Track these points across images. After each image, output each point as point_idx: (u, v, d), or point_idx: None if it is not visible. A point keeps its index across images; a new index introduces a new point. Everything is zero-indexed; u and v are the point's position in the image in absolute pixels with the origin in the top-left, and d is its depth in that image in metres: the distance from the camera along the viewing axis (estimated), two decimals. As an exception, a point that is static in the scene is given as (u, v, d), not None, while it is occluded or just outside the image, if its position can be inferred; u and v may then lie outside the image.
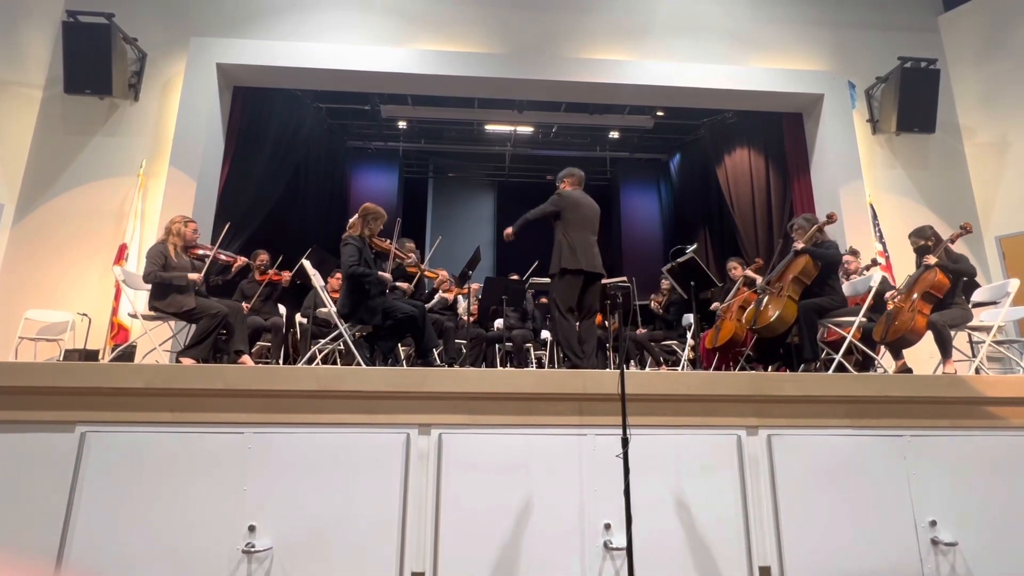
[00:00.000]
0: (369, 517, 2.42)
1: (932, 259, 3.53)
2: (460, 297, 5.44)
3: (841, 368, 3.55)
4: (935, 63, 6.00)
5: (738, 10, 6.43)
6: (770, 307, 3.77)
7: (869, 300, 3.64)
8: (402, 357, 4.72)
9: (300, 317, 4.88)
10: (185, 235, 3.84)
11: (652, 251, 9.41)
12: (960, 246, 3.91)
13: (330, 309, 3.76)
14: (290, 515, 2.41)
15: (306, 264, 4.11)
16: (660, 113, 7.96)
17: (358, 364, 3.53)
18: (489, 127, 8.58)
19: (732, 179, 7.45)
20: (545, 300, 4.71)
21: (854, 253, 4.76)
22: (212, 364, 3.51)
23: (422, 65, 5.92)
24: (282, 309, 5.01)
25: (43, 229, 5.22)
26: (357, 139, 9.16)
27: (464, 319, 5.04)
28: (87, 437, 2.43)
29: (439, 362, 4.23)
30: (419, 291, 5.17)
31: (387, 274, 3.78)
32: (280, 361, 4.55)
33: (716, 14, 6.40)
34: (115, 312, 4.95)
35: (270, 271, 4.86)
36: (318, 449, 2.49)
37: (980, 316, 3.99)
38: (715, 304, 4.77)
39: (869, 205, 5.87)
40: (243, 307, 3.99)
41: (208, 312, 3.58)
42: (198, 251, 3.93)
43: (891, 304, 3.69)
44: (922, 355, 4.02)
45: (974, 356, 4.14)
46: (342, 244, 3.65)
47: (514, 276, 5.56)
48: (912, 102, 5.91)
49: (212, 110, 5.72)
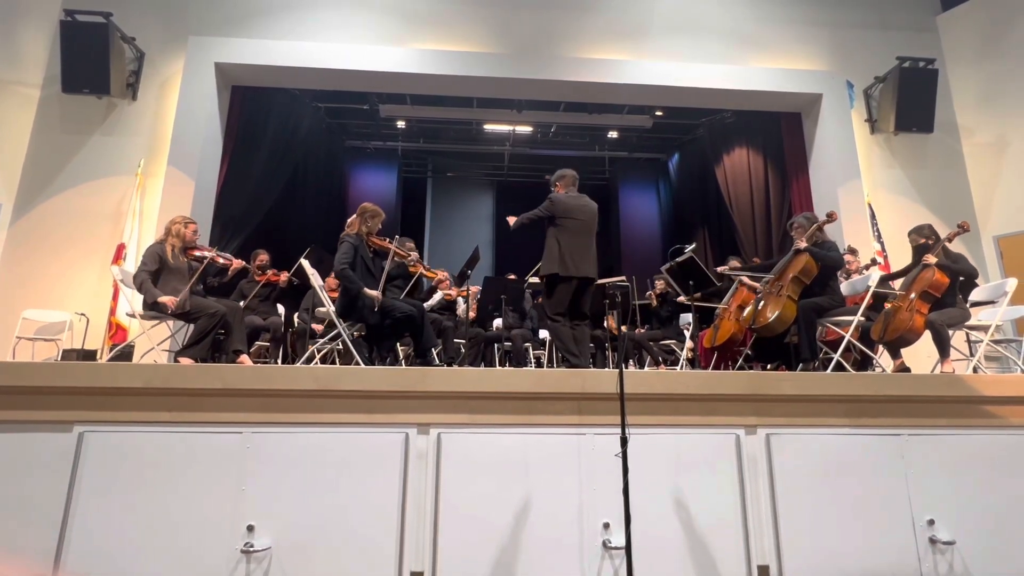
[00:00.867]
0: (368, 517, 2.42)
1: (931, 258, 3.53)
2: (460, 300, 5.44)
3: (840, 367, 3.55)
4: (933, 63, 6.01)
5: (737, 10, 6.44)
6: (769, 307, 3.78)
7: (868, 299, 3.64)
8: (401, 357, 4.72)
9: (298, 317, 4.87)
10: (185, 236, 3.83)
11: (651, 251, 9.41)
12: (958, 245, 3.93)
13: (329, 308, 3.76)
14: (289, 515, 2.40)
15: (305, 264, 4.11)
16: (659, 113, 7.96)
17: (357, 364, 3.52)
18: (488, 127, 8.57)
19: (731, 179, 7.45)
20: (541, 302, 4.70)
21: (853, 252, 4.77)
22: (210, 364, 3.50)
23: (421, 64, 5.92)
24: (281, 309, 5.00)
25: (41, 229, 5.20)
26: (356, 138, 9.15)
27: (462, 319, 5.03)
28: (85, 437, 2.43)
29: (438, 362, 4.23)
30: (418, 290, 5.17)
31: (377, 293, 3.62)
32: (279, 361, 4.54)
33: (715, 14, 6.40)
34: (113, 312, 4.95)
35: (269, 271, 4.86)
36: (317, 449, 2.49)
37: (978, 315, 4.00)
38: (695, 295, 4.49)
39: (867, 205, 5.87)
40: (241, 306, 3.98)
41: (206, 312, 3.57)
42: (196, 252, 3.92)
43: (888, 304, 3.70)
44: (920, 354, 4.02)
45: (972, 355, 4.15)
46: (340, 241, 3.67)
47: (512, 276, 5.55)
48: (910, 102, 5.92)
49: (210, 109, 5.71)
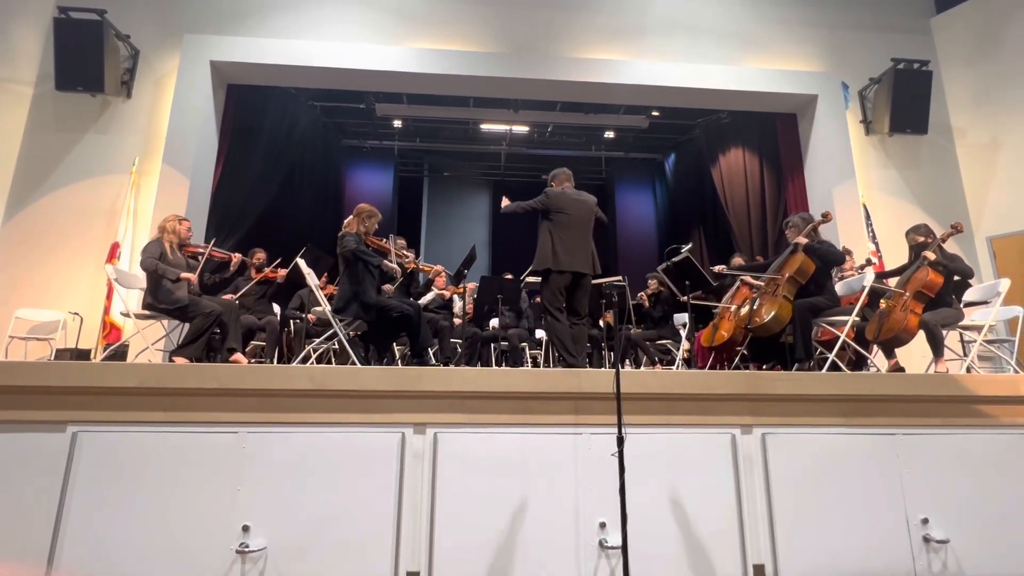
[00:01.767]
0: (364, 517, 2.41)
1: (930, 255, 3.56)
2: (456, 296, 5.43)
3: (835, 367, 3.57)
4: (927, 64, 6.05)
5: (733, 11, 6.45)
6: (765, 307, 3.79)
7: (863, 299, 3.66)
8: (397, 356, 4.71)
9: (286, 315, 4.86)
10: (180, 233, 3.82)
11: (647, 251, 9.43)
12: (951, 246, 3.95)
13: (324, 307, 3.75)
14: (284, 515, 2.39)
15: (300, 263, 4.09)
16: (655, 113, 7.98)
17: (353, 363, 3.51)
18: (485, 126, 8.56)
19: (727, 179, 7.48)
20: (540, 299, 4.71)
21: (848, 253, 4.79)
22: (206, 363, 3.48)
23: (417, 63, 5.91)
24: (276, 308, 4.99)
25: (34, 227, 5.16)
26: (352, 137, 9.12)
27: (458, 319, 5.03)
28: (79, 437, 2.41)
29: (434, 361, 4.22)
30: (414, 284, 5.16)
31: (394, 264, 3.79)
32: (274, 360, 4.52)
33: (711, 14, 6.42)
34: (107, 311, 4.91)
35: (267, 269, 4.84)
36: (313, 449, 2.48)
37: (971, 315, 4.02)
38: (695, 293, 4.52)
39: (862, 205, 5.90)
40: (237, 305, 3.97)
41: (202, 311, 3.56)
42: (191, 250, 3.92)
43: (884, 303, 3.72)
44: (914, 354, 4.05)
45: (965, 355, 4.18)
46: (340, 238, 3.67)
47: (509, 275, 5.55)
48: (905, 103, 5.95)
49: (206, 108, 5.68)
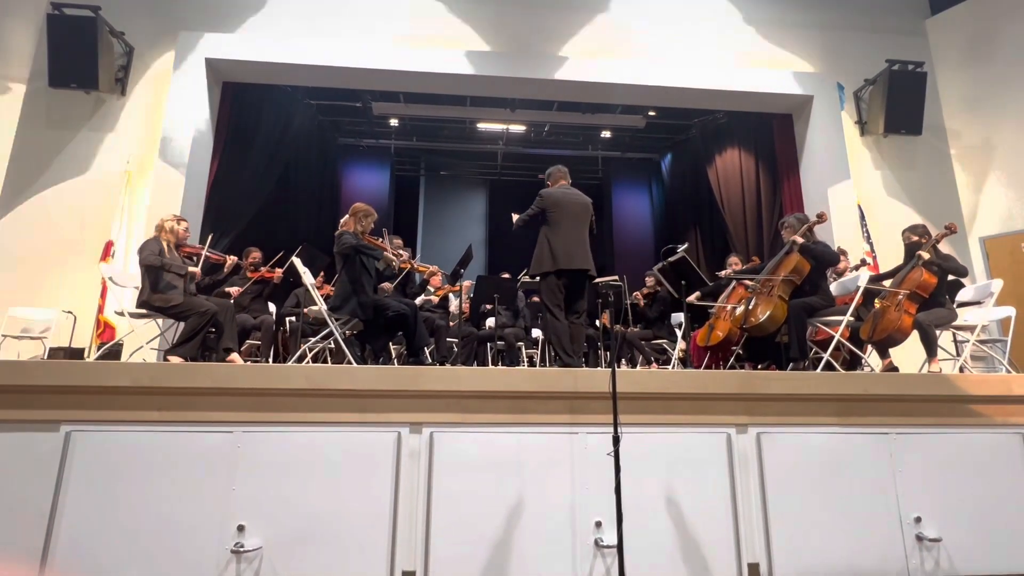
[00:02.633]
0: (359, 516, 2.41)
1: (925, 254, 3.59)
2: (451, 295, 5.43)
3: (829, 367, 3.59)
4: (922, 66, 6.08)
5: (730, 12, 6.47)
6: (760, 307, 3.80)
7: (857, 299, 3.68)
8: (393, 356, 4.70)
9: (282, 315, 4.85)
10: (178, 233, 3.81)
11: (643, 250, 9.45)
12: (945, 246, 3.98)
13: (320, 307, 3.74)
14: (279, 514, 2.39)
15: (296, 262, 4.08)
16: (652, 113, 7.98)
17: (349, 363, 3.51)
18: (481, 125, 8.55)
19: (723, 179, 7.50)
20: (536, 299, 4.72)
21: (843, 253, 4.81)
22: (200, 362, 3.47)
23: (414, 62, 5.89)
24: (272, 307, 4.97)
25: (27, 225, 5.12)
26: (348, 136, 9.09)
27: (454, 322, 5.02)
28: (72, 437, 2.40)
29: (430, 361, 4.22)
30: (410, 284, 5.16)
31: (390, 251, 3.82)
32: (270, 359, 4.51)
33: (708, 15, 6.43)
34: (101, 310, 4.88)
35: (263, 268, 4.82)
36: (308, 448, 2.47)
37: (964, 316, 4.05)
38: (695, 294, 4.62)
39: (857, 206, 5.93)
40: (232, 304, 3.96)
41: (197, 310, 3.55)
42: (188, 250, 3.91)
43: (879, 303, 3.75)
44: (908, 354, 4.07)
45: (958, 355, 4.21)
46: (338, 236, 3.68)
47: (506, 275, 5.56)
48: (899, 104, 5.98)
49: (201, 106, 5.65)
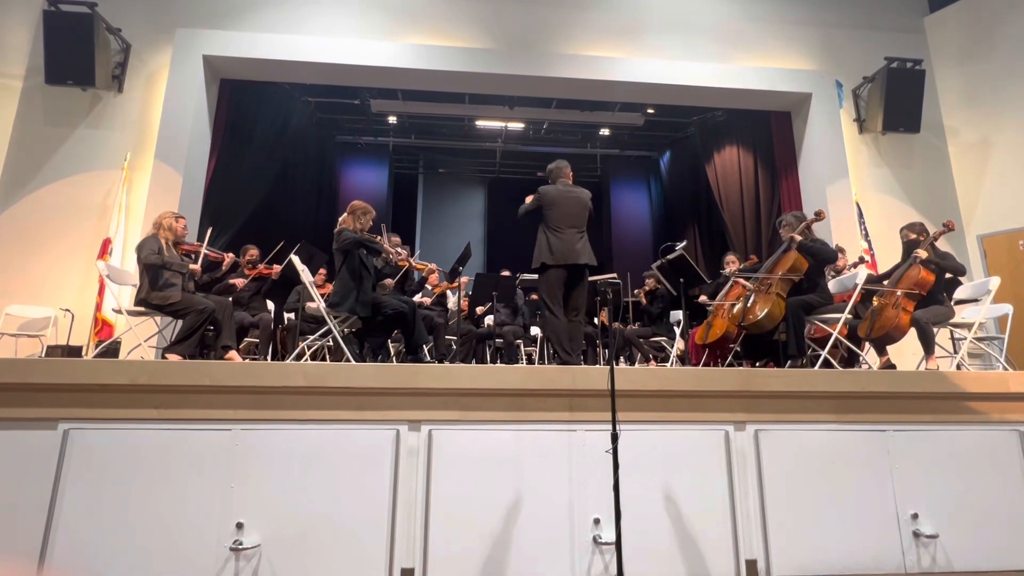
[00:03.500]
0: (358, 514, 2.41)
1: (923, 253, 3.59)
2: (450, 292, 5.43)
3: (827, 364, 3.60)
4: (920, 63, 6.08)
5: (728, 9, 6.46)
6: (758, 305, 3.81)
7: (855, 297, 3.69)
8: (392, 353, 4.70)
9: (286, 313, 4.84)
10: (176, 231, 3.81)
11: (642, 248, 9.45)
12: (943, 244, 3.98)
13: (319, 304, 3.73)
14: (278, 512, 2.39)
15: (295, 259, 4.07)
16: (650, 111, 7.97)
17: (347, 360, 3.51)
18: (480, 123, 8.54)
19: (721, 177, 7.50)
20: (535, 296, 4.73)
21: (841, 251, 4.82)
22: (199, 360, 3.47)
23: (412, 60, 5.88)
24: (270, 305, 4.96)
25: (24, 223, 5.10)
26: (347, 134, 9.07)
27: (453, 315, 5.02)
28: (70, 435, 2.39)
29: (429, 358, 4.22)
30: (408, 282, 5.15)
31: (388, 247, 3.83)
32: (268, 357, 4.51)
33: (706, 13, 6.42)
34: (99, 308, 4.87)
35: (260, 265, 4.82)
36: (307, 446, 2.47)
37: (962, 313, 4.06)
38: (702, 296, 4.76)
39: (855, 203, 5.94)
40: (231, 302, 3.95)
41: (195, 308, 3.54)
42: (186, 248, 3.91)
43: (876, 301, 3.75)
44: (906, 351, 4.08)
45: (956, 352, 4.22)
46: (337, 233, 3.68)
47: (506, 272, 5.55)
48: (898, 102, 5.98)
49: (198, 103, 5.63)
